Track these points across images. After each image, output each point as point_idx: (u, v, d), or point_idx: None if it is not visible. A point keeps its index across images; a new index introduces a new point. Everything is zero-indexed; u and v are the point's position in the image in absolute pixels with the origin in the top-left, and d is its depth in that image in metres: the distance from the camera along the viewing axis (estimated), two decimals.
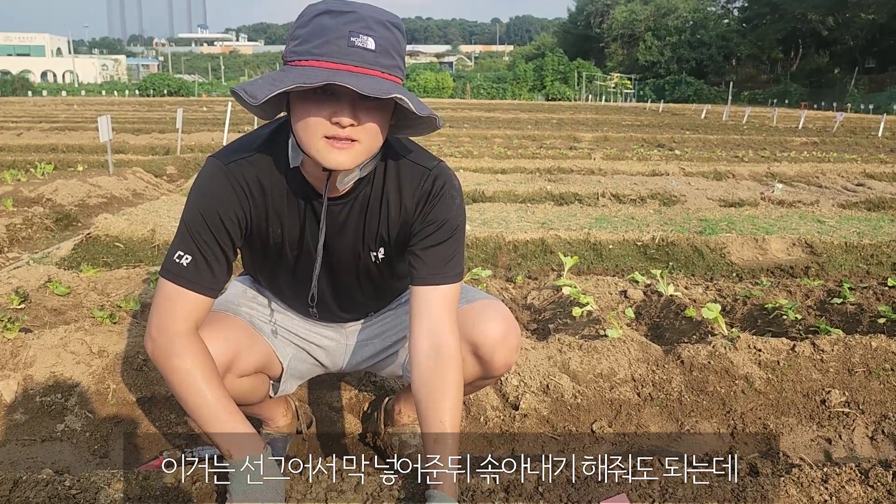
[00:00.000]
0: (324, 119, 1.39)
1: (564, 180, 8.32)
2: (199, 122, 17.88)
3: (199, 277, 1.58)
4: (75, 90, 67.24)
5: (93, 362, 2.54)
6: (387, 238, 1.72)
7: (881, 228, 5.62)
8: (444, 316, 1.66)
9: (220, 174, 1.58)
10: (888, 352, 2.64)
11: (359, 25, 1.35)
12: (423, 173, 1.66)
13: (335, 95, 1.38)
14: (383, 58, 1.37)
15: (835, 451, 2.35)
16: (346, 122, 1.39)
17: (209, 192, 1.58)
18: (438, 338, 1.64)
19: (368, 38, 1.35)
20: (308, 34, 1.36)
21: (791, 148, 13.97)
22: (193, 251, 1.58)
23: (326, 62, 1.34)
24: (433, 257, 1.66)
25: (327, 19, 1.35)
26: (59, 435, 2.30)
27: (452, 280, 1.67)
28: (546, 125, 20.17)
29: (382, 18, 1.38)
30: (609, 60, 73.44)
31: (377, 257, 1.76)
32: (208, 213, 1.57)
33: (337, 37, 1.34)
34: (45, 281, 3.55)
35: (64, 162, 9.25)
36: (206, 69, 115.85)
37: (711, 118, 27.06)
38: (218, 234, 1.58)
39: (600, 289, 3.77)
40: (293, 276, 1.81)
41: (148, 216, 5.53)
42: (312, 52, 1.35)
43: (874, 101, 40.91)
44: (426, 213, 1.66)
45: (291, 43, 1.40)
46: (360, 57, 1.34)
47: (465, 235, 1.77)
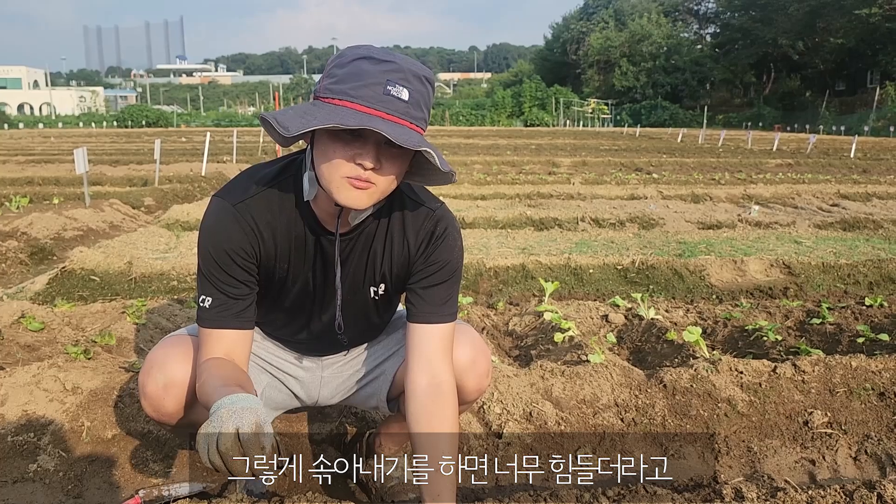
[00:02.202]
0: (348, 159, 1.43)
1: (544, 205, 8.37)
2: (178, 153, 17.81)
3: (226, 314, 1.62)
4: (52, 122, 66.75)
5: (66, 399, 2.48)
6: (388, 275, 1.76)
7: (857, 248, 5.70)
8: (441, 353, 1.71)
9: (229, 215, 1.60)
10: (868, 371, 2.65)
11: (396, 76, 1.40)
12: (427, 213, 1.71)
13: (362, 138, 1.42)
14: (414, 109, 1.43)
15: (819, 472, 2.34)
16: (368, 166, 1.43)
17: (218, 233, 1.61)
18: (436, 374, 1.68)
19: (403, 90, 1.40)
20: (346, 75, 1.41)
21: (766, 170, 14.18)
22: (213, 292, 1.62)
23: (360, 105, 1.38)
24: (433, 297, 1.71)
25: (367, 64, 1.40)
26: (32, 475, 2.23)
27: (450, 319, 1.73)
28: (525, 151, 20.32)
29: (419, 73, 1.44)
30: (586, 86, 74.27)
31: (377, 293, 1.79)
32: (219, 254, 1.60)
33: (374, 83, 1.39)
34: (18, 316, 3.48)
35: (40, 195, 9.15)
36: (184, 99, 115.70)
37: (688, 141, 27.42)
38: (232, 272, 1.61)
39: (581, 314, 3.77)
40: (289, 309, 1.82)
41: (125, 248, 5.48)
42: (348, 92, 1.39)
43: (845, 123, 41.70)
44: (429, 254, 1.71)
45: (327, 80, 1.44)
46: (393, 106, 1.39)
47: None
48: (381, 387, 1.98)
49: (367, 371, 2.02)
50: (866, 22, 46.04)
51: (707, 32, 76.14)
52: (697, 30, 77.26)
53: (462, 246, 1.78)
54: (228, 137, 22.74)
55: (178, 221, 7.04)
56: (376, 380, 2.00)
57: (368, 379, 2.02)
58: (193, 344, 1.77)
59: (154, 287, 4.62)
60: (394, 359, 1.96)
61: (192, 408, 1.72)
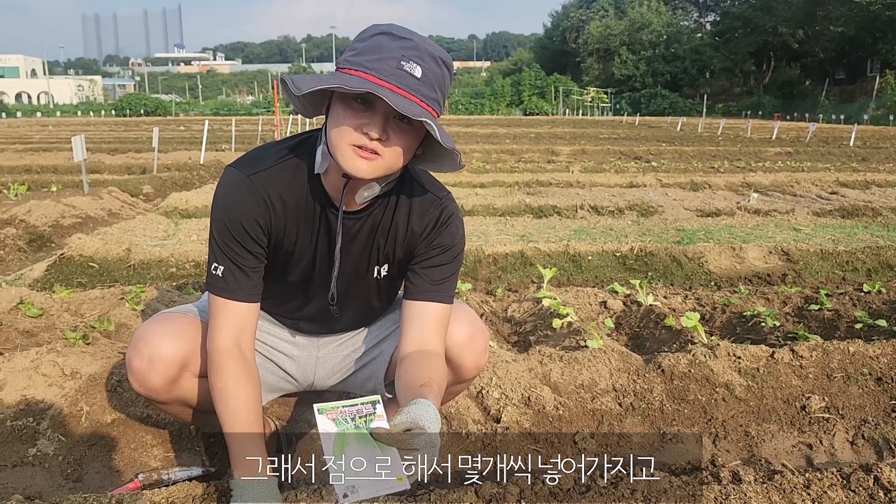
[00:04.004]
0: (356, 128, 1.47)
1: (543, 193, 8.35)
2: (177, 142, 17.77)
3: (236, 285, 1.66)
4: (50, 111, 66.55)
5: (65, 384, 2.48)
6: (391, 257, 1.80)
7: (855, 235, 5.70)
8: (435, 330, 1.74)
9: (243, 185, 1.63)
10: (866, 357, 2.66)
11: (411, 53, 1.44)
12: (434, 201, 1.75)
13: (372, 108, 1.46)
14: (426, 88, 1.46)
15: (816, 456, 2.35)
16: (374, 135, 1.46)
17: (233, 201, 1.64)
18: (427, 347, 1.71)
19: (417, 66, 1.44)
20: (365, 48, 1.46)
21: (765, 158, 14.16)
22: (224, 261, 1.65)
23: (373, 76, 1.42)
24: (432, 276, 1.75)
25: (385, 40, 1.45)
26: (31, 459, 2.23)
27: (446, 300, 1.76)
28: (524, 139, 20.28)
29: (435, 53, 1.48)
30: (585, 75, 74.06)
31: (380, 273, 1.83)
32: (232, 222, 1.63)
33: (389, 57, 1.43)
34: (16, 303, 3.48)
35: (38, 183, 9.13)
36: (183, 88, 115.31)
37: (687, 130, 27.37)
38: (245, 242, 1.65)
39: (580, 300, 3.77)
40: (290, 282, 1.84)
41: (123, 235, 5.47)
42: (364, 64, 1.44)
43: (845, 112, 41.61)
44: (432, 239, 1.75)
45: (348, 53, 1.49)
46: (405, 81, 1.43)
47: None
48: (379, 368, 1.99)
49: (364, 351, 2.03)
50: (866, 10, 45.90)
51: (707, 21, 76.00)
52: (697, 18, 77.11)
53: (464, 234, 1.81)
54: (227, 126, 22.70)
55: (176, 209, 7.03)
56: (373, 361, 2.01)
57: (366, 360, 2.02)
58: (183, 320, 1.79)
59: (153, 274, 4.62)
60: (391, 339, 1.97)
61: (178, 382, 1.75)
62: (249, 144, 16.88)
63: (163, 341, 1.70)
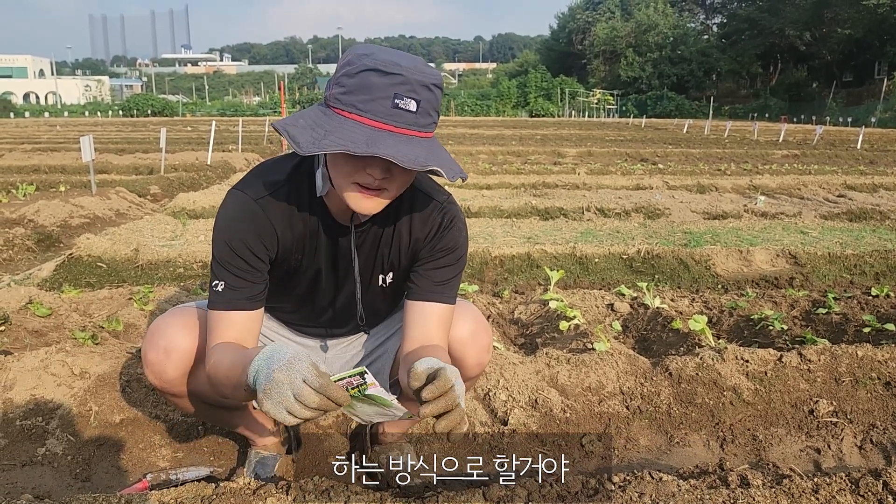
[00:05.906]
0: (358, 168, 1.45)
1: (549, 195, 8.35)
2: (184, 142, 17.81)
3: (237, 296, 1.64)
4: (58, 111, 66.77)
5: (74, 384, 2.50)
6: (396, 265, 1.80)
7: (863, 239, 5.68)
8: (437, 330, 1.74)
9: (248, 210, 1.63)
10: (874, 361, 2.65)
11: (404, 88, 1.40)
12: (435, 206, 1.75)
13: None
14: (422, 118, 1.43)
15: (824, 461, 2.34)
16: (378, 176, 1.45)
17: (238, 226, 1.63)
18: (430, 343, 1.70)
19: (412, 101, 1.41)
20: (354, 86, 1.40)
21: (772, 161, 14.12)
22: (228, 277, 1.64)
23: (369, 119, 1.39)
24: (435, 277, 1.75)
25: (375, 77, 1.39)
26: (40, 459, 2.25)
27: (449, 301, 1.76)
28: (530, 141, 20.27)
29: (426, 81, 1.43)
30: (591, 77, 73.97)
31: (385, 281, 1.83)
32: (237, 246, 1.62)
33: (382, 97, 1.39)
34: (25, 302, 3.50)
35: (46, 183, 9.17)
36: (190, 89, 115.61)
37: (693, 132, 27.31)
38: (249, 261, 1.64)
39: (587, 302, 3.77)
40: (296, 295, 1.86)
41: (131, 235, 5.49)
42: (357, 105, 1.40)
43: (852, 115, 41.47)
44: (435, 243, 1.75)
45: (336, 88, 1.44)
46: (401, 118, 1.40)
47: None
48: (385, 365, 2.02)
49: (370, 350, 2.05)
50: (874, 12, 45.75)
51: (713, 23, 75.84)
52: (704, 20, 76.92)
53: (467, 237, 1.82)
54: (234, 127, 22.73)
55: (184, 209, 7.05)
56: (379, 359, 2.04)
57: (372, 359, 2.05)
58: (195, 314, 1.80)
59: (160, 274, 4.63)
60: (396, 337, 2.00)
61: (193, 374, 1.76)
62: (256, 145, 16.94)
63: (178, 333, 1.72)
